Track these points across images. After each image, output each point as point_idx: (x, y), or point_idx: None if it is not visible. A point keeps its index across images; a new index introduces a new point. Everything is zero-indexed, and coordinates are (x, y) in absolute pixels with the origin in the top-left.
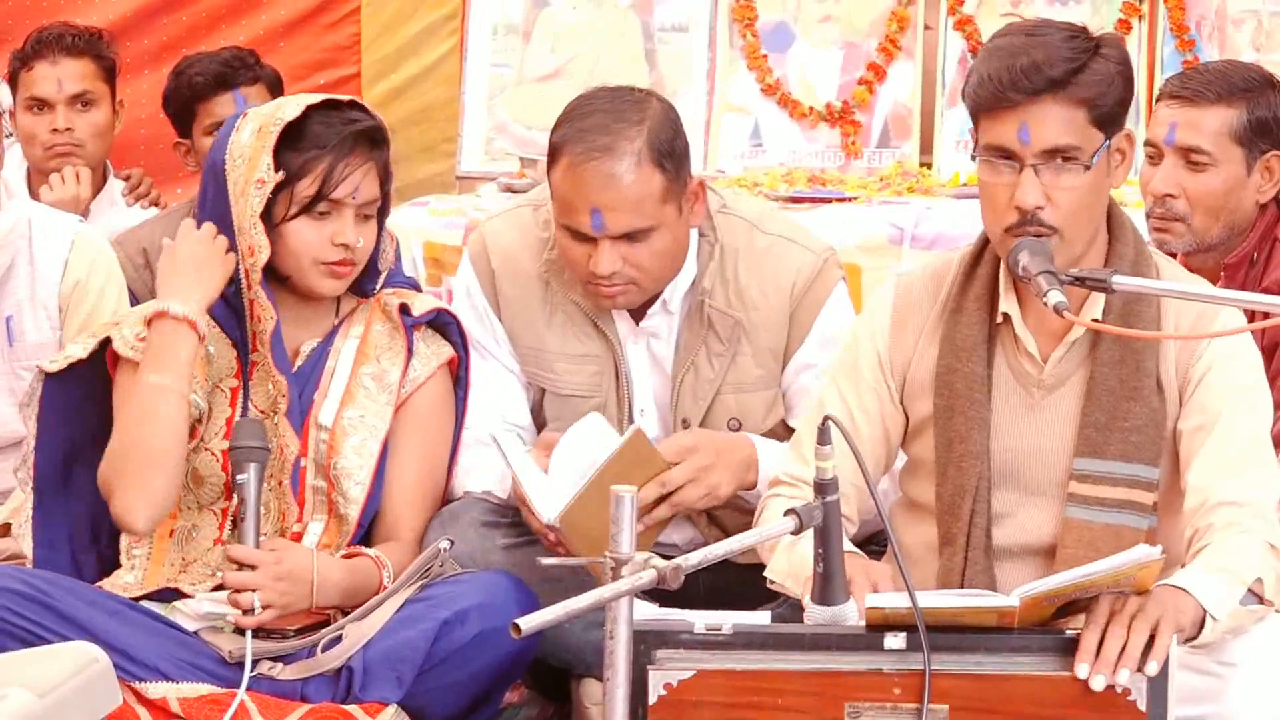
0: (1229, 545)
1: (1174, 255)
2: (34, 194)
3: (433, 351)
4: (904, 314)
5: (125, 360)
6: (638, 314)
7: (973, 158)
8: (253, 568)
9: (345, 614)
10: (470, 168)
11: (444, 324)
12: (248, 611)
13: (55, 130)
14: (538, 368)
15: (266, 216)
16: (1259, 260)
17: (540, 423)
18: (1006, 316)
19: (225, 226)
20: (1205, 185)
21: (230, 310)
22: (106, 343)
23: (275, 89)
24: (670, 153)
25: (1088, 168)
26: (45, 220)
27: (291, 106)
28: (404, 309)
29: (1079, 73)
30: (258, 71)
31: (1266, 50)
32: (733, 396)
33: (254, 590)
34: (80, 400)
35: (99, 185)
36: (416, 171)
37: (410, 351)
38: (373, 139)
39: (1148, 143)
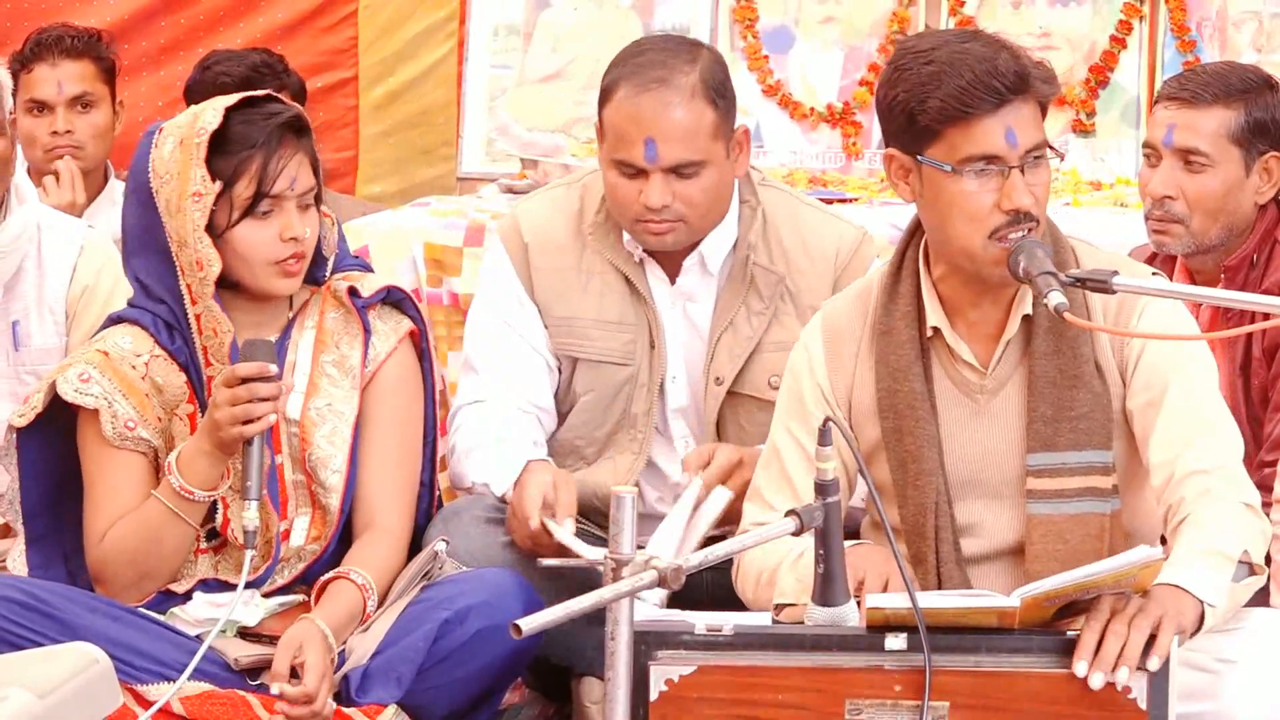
0: (1209, 520)
1: (1173, 257)
2: None
3: (390, 327)
4: (835, 343)
5: (82, 408)
6: (673, 272)
7: (955, 171)
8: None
9: None
10: (471, 169)
11: (397, 300)
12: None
13: (55, 132)
14: (570, 337)
15: (209, 228)
16: (1259, 262)
17: (570, 401)
18: (937, 329)
19: (153, 247)
20: (1204, 187)
21: (172, 332)
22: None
23: (299, 98)
24: (722, 91)
25: (1062, 158)
26: (54, 224)
27: (210, 114)
28: (353, 292)
29: (1031, 71)
30: (284, 80)
31: (1267, 51)
32: (772, 355)
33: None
34: (57, 443)
35: (100, 186)
36: (415, 175)
37: (368, 332)
38: (297, 128)
39: (1146, 144)
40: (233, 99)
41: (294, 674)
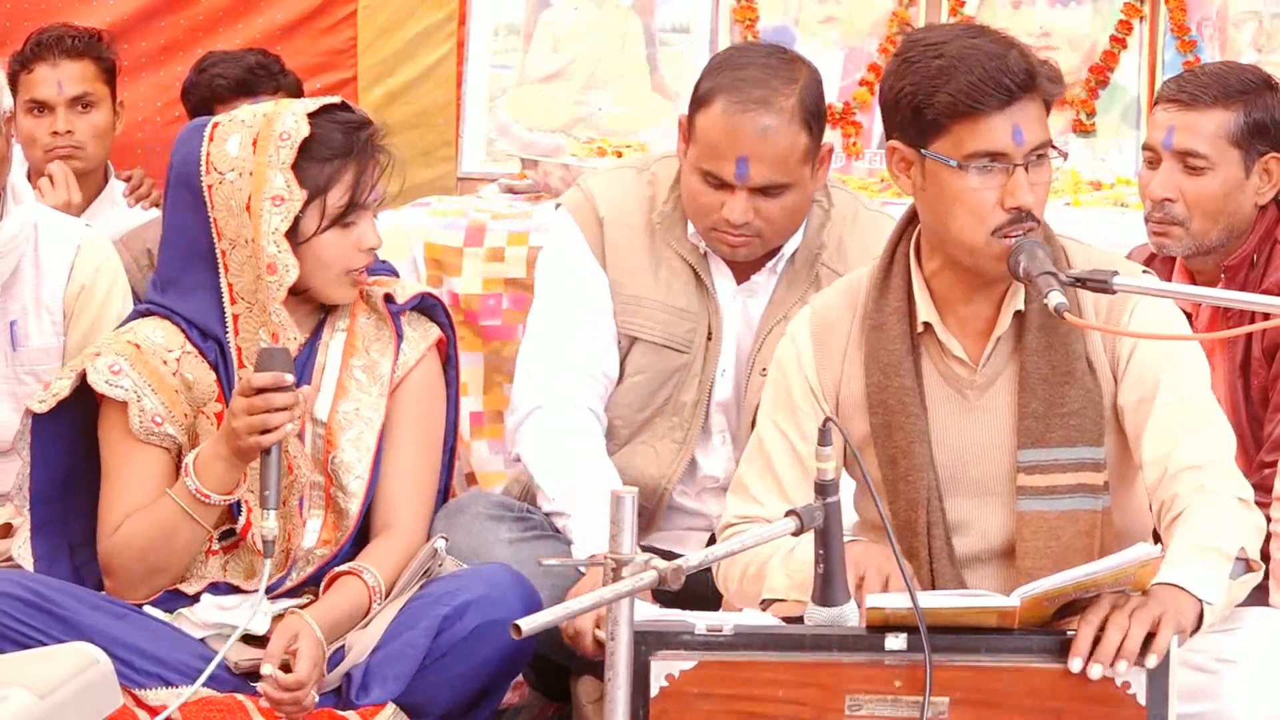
0: (1204, 516)
1: (1173, 258)
2: None
3: (420, 334)
4: (824, 337)
5: (109, 399)
6: (742, 274)
7: (960, 166)
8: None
9: None
10: (471, 169)
11: (429, 306)
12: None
13: (55, 133)
14: (636, 317)
15: (289, 233)
16: (1259, 262)
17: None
18: (928, 325)
19: (192, 242)
20: (1203, 188)
21: (202, 332)
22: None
23: (295, 97)
24: (817, 115)
25: (1065, 157)
26: (51, 224)
27: (290, 119)
28: (388, 298)
29: (1039, 70)
30: (280, 81)
31: (1268, 51)
32: None
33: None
34: (72, 430)
35: (100, 186)
36: (414, 176)
37: (400, 338)
38: (374, 137)
39: (1146, 146)
40: (311, 104)
41: (286, 669)
